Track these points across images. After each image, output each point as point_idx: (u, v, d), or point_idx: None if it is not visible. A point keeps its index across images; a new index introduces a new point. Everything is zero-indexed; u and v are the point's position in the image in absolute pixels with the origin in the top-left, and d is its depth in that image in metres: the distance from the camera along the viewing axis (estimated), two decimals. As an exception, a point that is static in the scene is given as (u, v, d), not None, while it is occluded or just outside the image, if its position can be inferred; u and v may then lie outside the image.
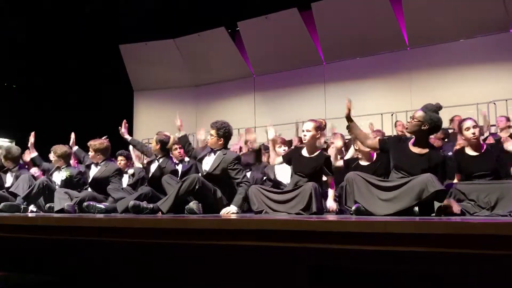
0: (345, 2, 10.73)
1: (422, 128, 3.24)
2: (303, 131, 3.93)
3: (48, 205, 4.61)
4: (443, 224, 2.07)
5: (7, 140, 14.64)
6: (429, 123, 3.24)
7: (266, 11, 11.55)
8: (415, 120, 3.28)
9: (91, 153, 4.77)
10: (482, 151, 3.54)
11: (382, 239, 2.10)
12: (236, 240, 2.44)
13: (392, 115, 9.73)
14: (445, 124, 8.44)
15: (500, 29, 9.69)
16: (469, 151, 3.57)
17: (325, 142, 5.10)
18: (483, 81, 9.73)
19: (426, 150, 3.24)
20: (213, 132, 4.12)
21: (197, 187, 3.71)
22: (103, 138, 4.92)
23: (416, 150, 3.27)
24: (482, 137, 4.02)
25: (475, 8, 9.62)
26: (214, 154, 4.07)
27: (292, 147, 4.77)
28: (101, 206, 4.19)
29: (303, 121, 3.95)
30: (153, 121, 13.34)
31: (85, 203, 4.19)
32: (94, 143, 4.76)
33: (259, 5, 11.58)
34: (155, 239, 2.71)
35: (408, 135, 3.99)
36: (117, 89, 13.41)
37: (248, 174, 4.71)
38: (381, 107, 9.52)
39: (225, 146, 4.13)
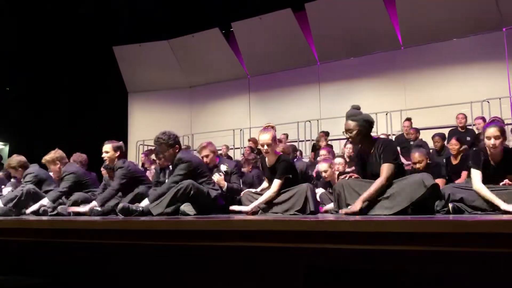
0: (339, 2, 10.75)
1: (363, 134, 3.27)
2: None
3: (42, 208, 4.58)
4: (438, 222, 2.08)
5: (0, 143, 14.56)
6: (365, 125, 3.26)
7: (260, 12, 11.56)
8: (352, 132, 3.27)
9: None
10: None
11: (377, 238, 2.10)
12: (231, 241, 2.43)
13: (386, 114, 9.77)
14: (442, 123, 8.57)
15: (493, 28, 9.75)
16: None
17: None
18: (476, 80, 9.78)
19: (371, 149, 3.28)
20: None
21: (192, 192, 3.73)
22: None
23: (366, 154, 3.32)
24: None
25: (468, 7, 9.67)
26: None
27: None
28: (97, 208, 4.14)
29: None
30: (148, 123, 13.32)
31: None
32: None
33: (253, 6, 11.59)
34: (151, 241, 2.70)
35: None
36: (111, 90, 13.37)
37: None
38: (375, 107, 9.52)
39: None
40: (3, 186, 5.28)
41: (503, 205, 2.98)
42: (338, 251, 2.24)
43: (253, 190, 4.02)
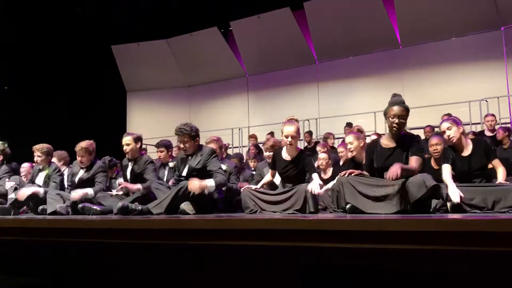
0: (338, 1, 10.75)
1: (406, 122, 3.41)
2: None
3: (41, 207, 4.57)
4: (437, 221, 2.08)
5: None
6: (408, 114, 3.39)
7: (259, 11, 11.55)
8: (405, 119, 3.36)
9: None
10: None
11: (377, 237, 2.10)
12: (231, 240, 2.43)
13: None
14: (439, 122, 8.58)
15: (491, 27, 9.77)
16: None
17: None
18: (474, 79, 9.79)
19: (399, 140, 3.37)
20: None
21: (192, 192, 3.73)
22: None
23: (390, 144, 3.40)
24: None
25: (466, 7, 9.68)
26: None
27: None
28: (96, 208, 4.16)
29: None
30: (146, 122, 13.32)
31: (80, 205, 4.16)
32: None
33: (252, 5, 11.58)
34: (150, 240, 2.70)
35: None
36: (110, 89, 13.35)
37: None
38: (374, 106, 9.53)
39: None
40: (7, 180, 5.26)
41: (454, 196, 3.13)
42: (337, 250, 2.25)
43: (253, 186, 4.01)
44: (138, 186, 4.22)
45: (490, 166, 3.56)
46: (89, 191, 4.45)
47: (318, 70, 11.87)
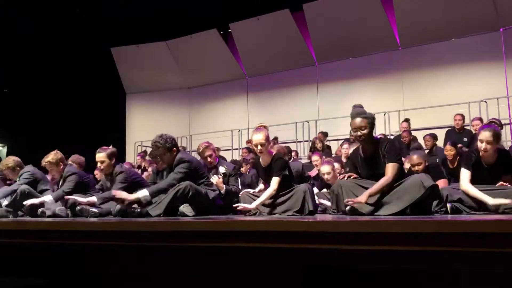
0: (337, 3, 10.77)
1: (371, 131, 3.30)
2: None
3: (40, 209, 4.57)
4: (437, 222, 2.08)
5: (-1, 145, 14.52)
6: (373, 123, 3.31)
7: (258, 13, 11.56)
8: (365, 130, 3.26)
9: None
10: None
11: (376, 239, 2.10)
12: (230, 242, 2.43)
13: (384, 114, 9.78)
14: (440, 123, 8.58)
15: (490, 28, 9.78)
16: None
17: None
18: (474, 80, 9.81)
19: (375, 148, 3.29)
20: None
21: (190, 193, 3.73)
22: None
23: (368, 154, 3.32)
24: None
25: (465, 8, 9.70)
26: None
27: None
28: (95, 210, 4.15)
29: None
30: (146, 124, 13.32)
31: (78, 207, 4.16)
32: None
33: (251, 7, 11.58)
34: (149, 242, 2.69)
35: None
36: (109, 92, 13.36)
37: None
38: (373, 107, 9.41)
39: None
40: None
41: (491, 200, 3.03)
42: (336, 251, 2.24)
43: (251, 190, 4.02)
44: (86, 200, 4.16)
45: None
46: (46, 197, 4.48)
47: (317, 72, 11.88)
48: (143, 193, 3.79)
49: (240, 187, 4.86)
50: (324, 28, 11.15)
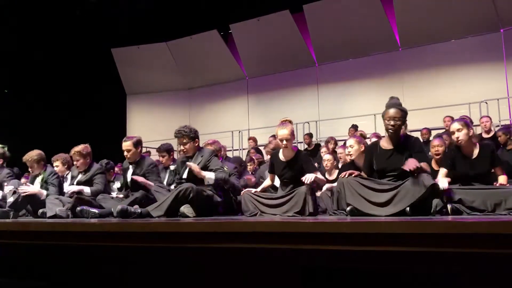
0: (337, 4, 10.77)
1: (402, 124, 3.39)
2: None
3: (41, 210, 4.57)
4: (437, 223, 2.08)
5: (-1, 145, 14.51)
6: (405, 116, 3.41)
7: (258, 13, 11.56)
8: (400, 121, 3.34)
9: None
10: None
11: (376, 239, 2.10)
12: (231, 242, 2.43)
13: (385, 115, 9.77)
14: (440, 124, 8.58)
15: (490, 29, 9.78)
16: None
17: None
18: (474, 81, 9.81)
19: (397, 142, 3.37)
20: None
21: (191, 195, 3.73)
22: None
23: (389, 146, 3.39)
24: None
25: (465, 9, 9.70)
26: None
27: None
28: (95, 211, 4.15)
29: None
30: (147, 125, 13.32)
31: (79, 208, 4.16)
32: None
33: (251, 7, 11.59)
34: (149, 243, 2.70)
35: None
36: (109, 93, 13.36)
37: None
38: (373, 108, 9.53)
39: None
40: (5, 184, 5.26)
41: (441, 184, 3.18)
42: (337, 252, 2.24)
43: (253, 190, 4.01)
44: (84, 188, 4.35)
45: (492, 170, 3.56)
46: (86, 188, 4.55)
47: (317, 73, 11.88)
48: (209, 175, 3.94)
49: (240, 186, 4.85)
50: (325, 29, 11.15)
